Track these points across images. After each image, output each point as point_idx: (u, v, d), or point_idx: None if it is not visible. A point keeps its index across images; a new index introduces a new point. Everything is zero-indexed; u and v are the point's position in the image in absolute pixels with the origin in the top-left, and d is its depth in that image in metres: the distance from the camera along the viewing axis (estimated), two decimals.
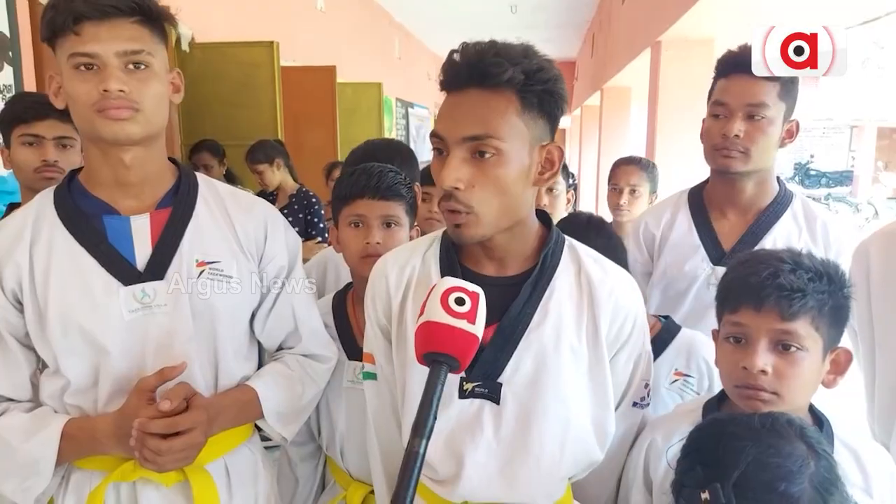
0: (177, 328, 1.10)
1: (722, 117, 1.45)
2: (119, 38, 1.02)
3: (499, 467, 1.02)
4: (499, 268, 1.05)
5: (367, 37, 8.82)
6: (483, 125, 0.93)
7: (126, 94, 1.02)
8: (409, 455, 0.72)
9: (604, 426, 1.06)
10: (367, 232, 1.35)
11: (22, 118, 1.66)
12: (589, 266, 1.06)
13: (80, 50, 1.01)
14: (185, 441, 1.03)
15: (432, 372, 0.79)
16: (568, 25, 11.57)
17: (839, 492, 0.81)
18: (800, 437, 0.83)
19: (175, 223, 1.13)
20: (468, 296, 0.83)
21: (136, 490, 1.12)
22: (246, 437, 1.23)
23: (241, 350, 1.20)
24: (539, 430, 1.01)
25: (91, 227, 1.09)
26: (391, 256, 1.13)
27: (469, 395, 1.02)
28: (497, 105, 0.93)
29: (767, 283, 0.97)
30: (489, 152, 0.93)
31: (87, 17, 1.00)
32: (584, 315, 1.04)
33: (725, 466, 0.81)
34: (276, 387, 1.20)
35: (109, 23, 1.01)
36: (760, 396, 0.99)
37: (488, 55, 0.92)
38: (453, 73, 0.96)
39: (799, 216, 1.54)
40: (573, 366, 1.02)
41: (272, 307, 1.22)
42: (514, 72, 0.91)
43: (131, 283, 1.08)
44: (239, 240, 1.17)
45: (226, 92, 3.98)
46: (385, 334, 1.12)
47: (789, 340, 0.98)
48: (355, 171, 1.39)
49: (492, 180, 0.94)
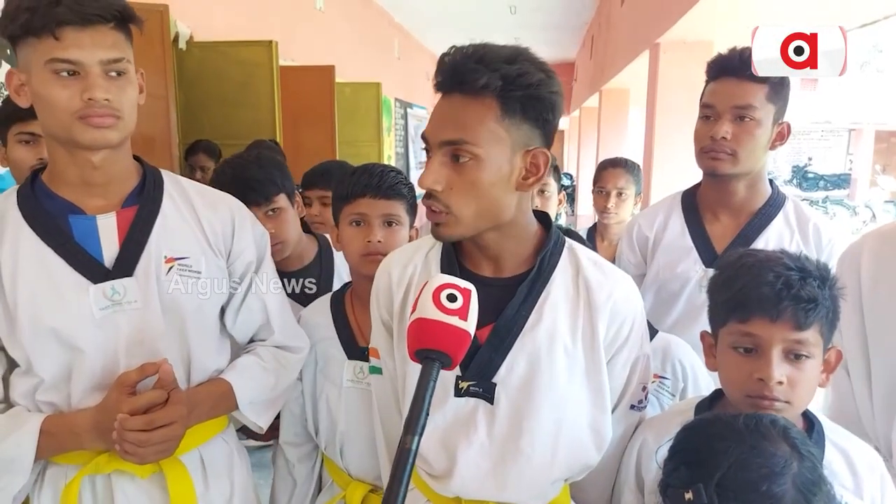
0: (148, 324, 1.12)
1: (710, 119, 1.47)
2: (101, 45, 1.02)
3: (491, 466, 1.03)
4: (496, 268, 1.07)
5: (367, 37, 8.82)
6: (460, 130, 0.95)
7: (109, 102, 1.03)
8: (401, 451, 0.73)
9: (601, 429, 1.06)
10: (369, 231, 1.36)
11: (19, 116, 1.66)
12: (588, 269, 1.07)
13: (61, 56, 1.01)
14: (164, 434, 1.05)
15: (424, 369, 0.79)
16: (567, 27, 11.58)
17: (823, 493, 0.81)
18: (783, 437, 0.83)
19: (142, 220, 1.14)
20: (460, 292, 0.83)
21: (111, 482, 1.13)
22: (221, 429, 1.25)
23: (212, 344, 1.22)
24: (531, 431, 1.02)
25: (56, 226, 1.10)
26: (395, 255, 1.15)
27: (464, 393, 1.04)
28: (476, 111, 0.95)
29: (784, 295, 0.96)
30: (465, 157, 0.96)
31: (68, 24, 1.00)
32: (581, 318, 1.04)
33: (709, 466, 0.81)
34: (249, 378, 1.22)
35: (91, 30, 1.02)
36: (775, 406, 0.99)
37: (469, 61, 0.93)
38: (441, 76, 0.97)
39: (791, 219, 1.54)
40: (567, 368, 1.03)
41: (242, 301, 1.24)
42: (491, 78, 0.92)
43: (100, 280, 1.09)
44: (206, 236, 1.19)
45: (224, 91, 3.98)
46: (388, 330, 1.13)
47: (800, 350, 0.98)
48: (356, 171, 1.40)
49: (468, 184, 0.97)
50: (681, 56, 5.05)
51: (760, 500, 0.79)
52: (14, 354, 1.10)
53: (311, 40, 6.44)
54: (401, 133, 10.56)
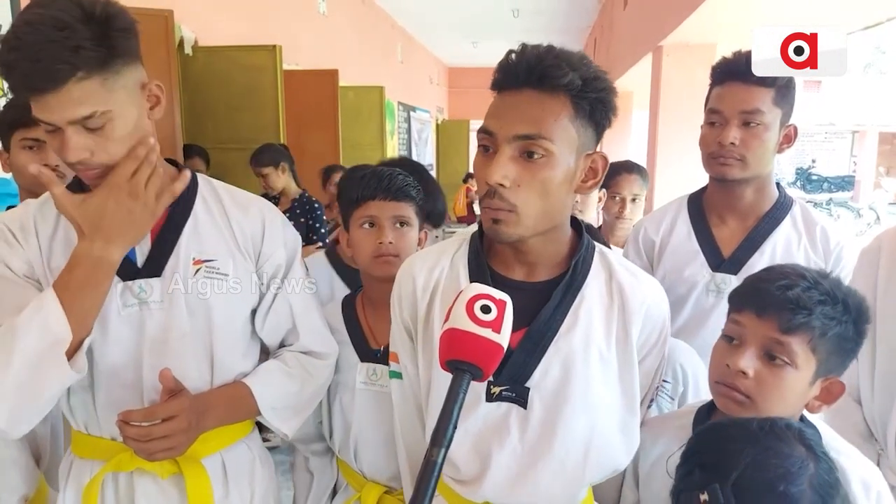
0: (172, 324, 1.12)
1: (717, 125, 1.46)
2: (68, 104, 0.96)
3: (523, 470, 1.02)
4: (529, 272, 1.05)
5: (370, 41, 8.85)
6: (536, 125, 0.93)
7: (88, 159, 1.01)
8: (426, 464, 0.71)
9: (631, 433, 1.06)
10: (380, 232, 1.36)
11: (22, 122, 1.65)
12: (620, 273, 1.06)
13: (37, 117, 0.98)
14: (167, 427, 1.04)
15: (454, 380, 0.77)
16: (570, 30, 11.60)
17: (840, 495, 0.81)
18: (798, 439, 0.83)
19: (173, 222, 1.15)
20: (495, 304, 0.81)
21: (133, 480, 1.15)
22: (244, 434, 1.25)
23: (237, 347, 1.21)
24: (564, 436, 1.01)
25: None
26: (419, 257, 1.13)
27: (496, 398, 1.02)
28: (552, 107, 0.93)
29: (776, 293, 0.97)
30: (539, 153, 0.93)
31: (35, 89, 0.95)
32: (615, 322, 1.04)
33: (724, 468, 0.81)
34: (270, 383, 1.21)
35: (56, 92, 0.95)
36: (734, 396, 1.00)
37: (548, 58, 0.93)
38: (510, 72, 0.95)
39: (798, 222, 1.54)
40: (602, 373, 1.02)
41: (271, 304, 1.24)
42: (573, 76, 0.92)
43: (129, 278, 1.11)
44: (236, 238, 1.19)
45: (229, 95, 3.99)
46: (409, 335, 1.12)
47: (778, 352, 0.98)
48: (365, 174, 1.40)
49: (538, 181, 0.94)
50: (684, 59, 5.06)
51: (777, 501, 0.78)
52: None
53: (315, 44, 6.46)
54: (404, 136, 10.59)
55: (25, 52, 0.92)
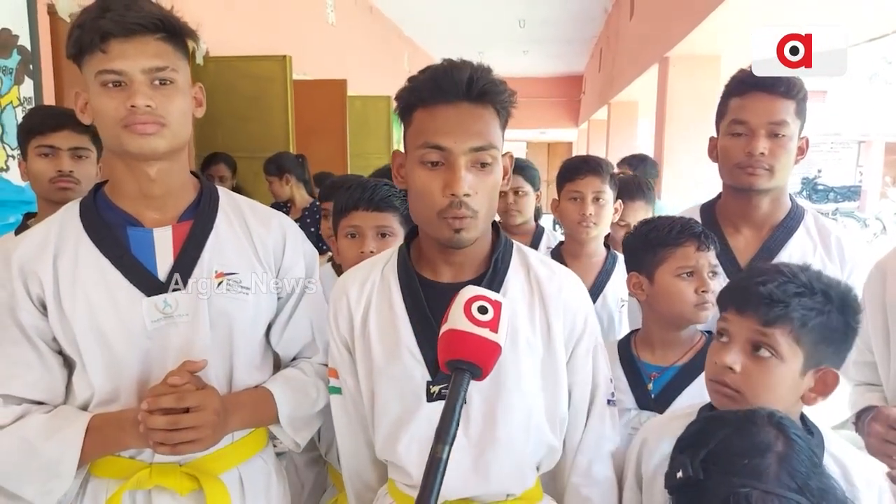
0: (195, 337, 1.13)
1: (743, 136, 1.46)
2: (144, 54, 1.05)
3: (472, 463, 1.07)
4: (456, 273, 1.11)
5: (377, 50, 8.91)
6: (486, 137, 1.01)
7: (152, 109, 1.05)
8: (432, 460, 0.74)
9: (555, 412, 1.12)
10: (363, 242, 1.42)
11: (38, 129, 1.68)
12: (537, 266, 1.14)
13: (106, 67, 1.04)
14: (194, 418, 1.04)
15: (455, 379, 0.81)
16: (576, 40, 11.65)
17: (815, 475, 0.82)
18: (770, 422, 0.85)
19: (196, 235, 1.16)
20: (491, 305, 0.85)
21: (151, 498, 1.13)
22: (260, 448, 1.25)
23: (254, 360, 1.23)
24: (506, 422, 1.07)
25: (114, 238, 1.13)
26: (351, 274, 1.19)
27: (437, 397, 1.07)
28: (490, 118, 1.03)
29: (753, 290, 1.02)
30: (488, 161, 1.02)
31: (113, 35, 1.03)
32: (537, 312, 1.11)
33: (697, 447, 0.85)
34: (290, 389, 1.23)
35: (135, 40, 1.05)
36: (724, 391, 1.04)
37: (479, 72, 1.01)
38: (445, 87, 1.00)
39: (812, 231, 1.54)
40: (530, 358, 1.09)
41: (289, 318, 1.25)
42: (500, 88, 1.02)
43: (153, 293, 1.11)
44: (257, 252, 1.20)
45: (239, 105, 4.02)
46: (348, 349, 1.15)
47: (762, 341, 1.01)
48: (351, 185, 1.45)
49: (490, 186, 1.03)
50: (689, 69, 5.09)
51: (742, 472, 0.80)
52: (68, 351, 1.12)
53: (323, 54, 6.52)
54: None
55: (122, 2, 1.05)
